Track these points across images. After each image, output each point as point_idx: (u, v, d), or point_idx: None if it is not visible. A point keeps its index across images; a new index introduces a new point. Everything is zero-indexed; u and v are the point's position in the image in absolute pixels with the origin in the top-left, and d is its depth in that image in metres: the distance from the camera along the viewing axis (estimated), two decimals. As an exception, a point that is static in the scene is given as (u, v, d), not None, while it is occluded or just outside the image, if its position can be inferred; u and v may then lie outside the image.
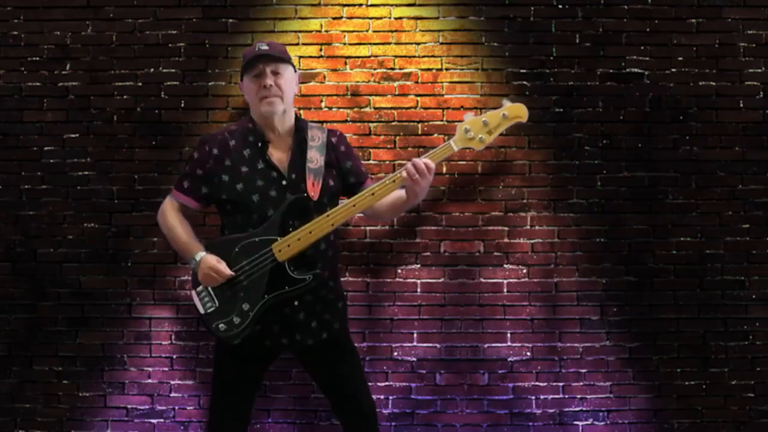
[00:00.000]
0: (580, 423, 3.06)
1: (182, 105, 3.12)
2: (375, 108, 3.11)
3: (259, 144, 2.03)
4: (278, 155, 2.05)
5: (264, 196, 1.98)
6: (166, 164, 3.11)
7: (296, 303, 2.03)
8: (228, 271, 1.94)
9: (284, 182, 2.01)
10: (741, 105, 3.11)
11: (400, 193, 2.01)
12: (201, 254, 1.99)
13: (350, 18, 3.13)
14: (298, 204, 1.98)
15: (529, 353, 3.07)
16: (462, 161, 3.14)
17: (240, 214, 2.01)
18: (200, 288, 2.00)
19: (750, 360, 3.08)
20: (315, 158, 2.03)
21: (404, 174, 1.91)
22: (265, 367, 2.19)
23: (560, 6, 3.12)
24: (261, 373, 2.18)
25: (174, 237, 2.07)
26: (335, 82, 3.11)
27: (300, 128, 2.10)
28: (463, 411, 3.07)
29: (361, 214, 2.12)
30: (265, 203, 1.98)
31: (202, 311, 2.00)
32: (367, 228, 3.12)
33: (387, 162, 3.10)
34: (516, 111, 1.90)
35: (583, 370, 3.08)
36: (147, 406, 3.08)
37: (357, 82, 3.11)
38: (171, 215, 2.09)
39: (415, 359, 3.08)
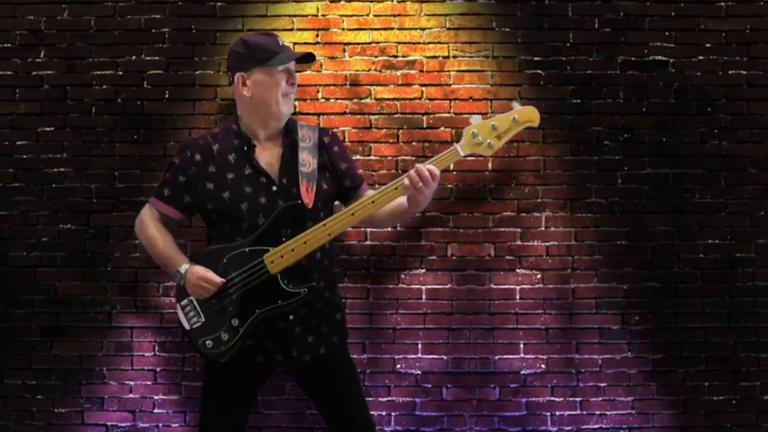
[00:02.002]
0: (599, 441, 3.00)
1: (166, 96, 3.04)
2: (376, 99, 3.05)
3: (245, 148, 1.97)
4: (267, 159, 2.00)
5: (253, 204, 1.94)
6: (149, 160, 3.04)
7: (291, 317, 1.97)
8: (218, 279, 1.89)
9: (274, 188, 1.96)
10: (774, 96, 3.02)
11: (401, 200, 1.96)
12: (186, 266, 1.95)
13: (349, 1, 3.04)
14: (291, 211, 1.93)
15: (543, 365, 3.01)
16: (471, 157, 3.01)
17: (228, 223, 1.96)
18: (185, 302, 1.96)
19: (784, 373, 3.01)
20: (307, 161, 1.99)
21: (407, 181, 1.86)
22: (259, 385, 2.12)
23: (577, -12, 3.05)
24: (254, 392, 2.11)
25: (155, 249, 2.02)
26: (333, 70, 3.04)
27: (289, 128, 2.05)
28: (472, 428, 2.99)
29: (359, 223, 2.05)
30: (254, 211, 1.93)
31: (187, 327, 1.96)
32: (368, 230, 3.05)
33: (389, 157, 3.04)
34: (527, 114, 1.88)
35: (603, 384, 3.01)
36: (128, 424, 3.01)
37: (356, 70, 3.04)
38: (151, 226, 2.03)
39: (419, 372, 3.01)
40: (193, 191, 1.98)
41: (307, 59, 2.02)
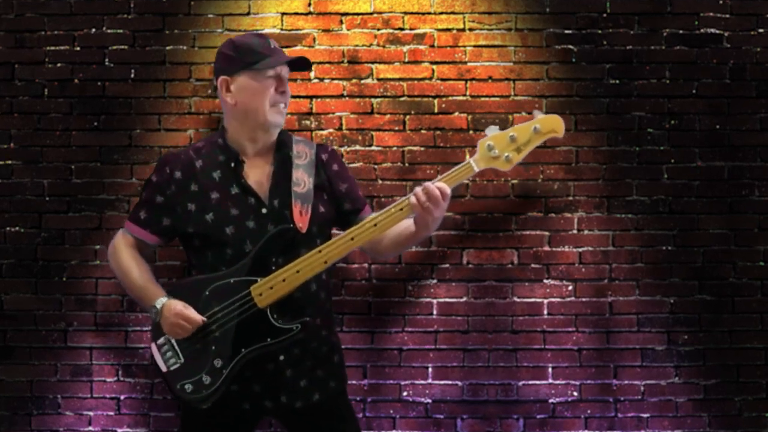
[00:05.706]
0: (641, 482, 2.93)
1: (132, 75, 2.97)
2: (379, 79, 2.97)
3: (233, 164, 1.96)
4: (256, 177, 1.98)
5: (240, 228, 1.92)
6: (112, 151, 2.95)
7: (281, 357, 1.93)
8: (198, 317, 1.86)
9: (264, 210, 1.94)
10: None
11: (407, 223, 1.95)
12: (163, 300, 1.91)
13: (347, -37, 2.98)
14: (282, 237, 1.91)
15: (575, 393, 2.92)
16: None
17: (210, 250, 1.94)
18: (161, 340, 1.93)
19: None
20: (302, 180, 1.98)
21: (413, 200, 1.85)
22: None
23: (615, -51, 3.01)
24: None
25: (129, 281, 1.99)
26: (328, 46, 2.96)
27: (282, 143, 2.02)
28: (492, 467, 2.90)
29: (358, 249, 2.00)
30: (241, 237, 1.92)
31: (164, 369, 1.94)
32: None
33: (394, 148, 2.93)
34: (550, 124, 1.93)
35: (645, 415, 2.92)
36: (86, 462, 2.94)
37: (356, 46, 2.97)
38: (125, 254, 2.00)
39: (430, 401, 2.94)
40: (172, 213, 1.96)
41: (301, 65, 2.00)
